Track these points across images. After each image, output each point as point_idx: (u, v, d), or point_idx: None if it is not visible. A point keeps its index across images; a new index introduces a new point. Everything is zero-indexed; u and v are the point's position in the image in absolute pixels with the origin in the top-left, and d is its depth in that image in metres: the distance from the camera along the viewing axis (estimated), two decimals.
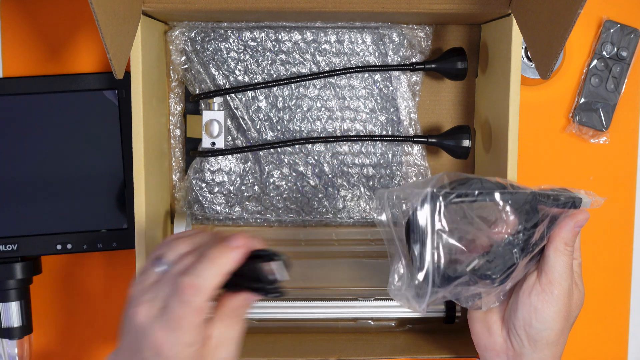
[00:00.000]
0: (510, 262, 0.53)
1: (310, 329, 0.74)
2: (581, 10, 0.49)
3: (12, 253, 0.71)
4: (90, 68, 0.74)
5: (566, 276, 0.54)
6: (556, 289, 0.54)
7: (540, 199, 0.53)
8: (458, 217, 0.52)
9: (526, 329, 0.55)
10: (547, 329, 0.54)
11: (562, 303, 0.54)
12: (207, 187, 0.73)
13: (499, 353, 0.57)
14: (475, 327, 0.59)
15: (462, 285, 0.53)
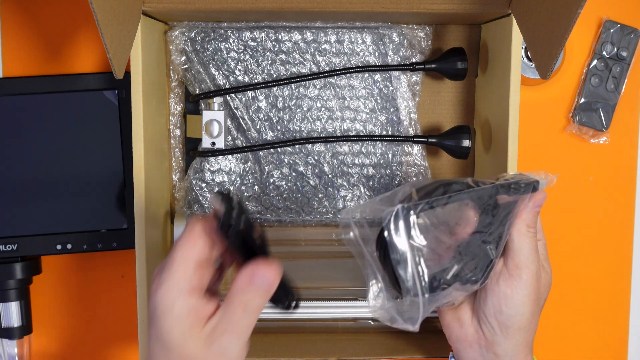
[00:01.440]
0: (488, 260, 0.53)
1: (310, 329, 0.74)
2: (581, 10, 0.49)
3: (12, 253, 0.71)
4: (90, 68, 0.74)
5: (532, 259, 0.54)
6: (524, 272, 0.53)
7: (502, 189, 0.53)
8: (429, 226, 0.51)
9: (497, 316, 0.55)
10: (518, 314, 0.54)
11: (530, 286, 0.53)
12: (207, 187, 0.73)
13: (471, 344, 0.57)
14: (446, 319, 0.59)
15: (445, 294, 0.53)
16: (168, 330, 0.43)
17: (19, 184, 0.71)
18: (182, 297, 0.43)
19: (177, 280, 0.43)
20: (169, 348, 0.43)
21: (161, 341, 0.44)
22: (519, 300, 0.54)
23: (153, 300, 0.44)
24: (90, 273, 0.76)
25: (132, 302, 0.75)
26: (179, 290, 0.43)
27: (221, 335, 0.44)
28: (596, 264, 0.78)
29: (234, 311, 0.44)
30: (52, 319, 0.76)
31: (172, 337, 0.43)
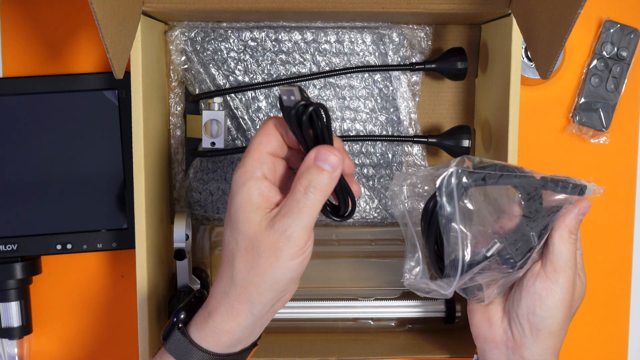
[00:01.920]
0: (529, 246, 0.53)
1: (310, 329, 0.74)
2: (581, 10, 0.49)
3: (12, 253, 0.71)
4: (90, 68, 0.74)
5: (571, 264, 0.54)
6: (561, 277, 0.54)
7: (551, 184, 0.53)
8: (480, 200, 0.52)
9: (529, 318, 0.55)
10: (551, 317, 0.54)
11: (566, 292, 0.54)
12: (207, 187, 0.73)
13: (498, 344, 0.57)
14: (475, 318, 0.59)
15: (480, 271, 0.53)
16: (236, 209, 0.46)
17: (19, 184, 0.71)
18: (253, 178, 0.46)
19: (251, 164, 0.47)
20: (236, 227, 0.47)
21: (230, 220, 0.47)
22: (553, 303, 0.54)
23: (232, 187, 0.47)
24: (90, 273, 0.76)
25: (132, 302, 0.75)
26: (252, 172, 0.47)
27: (283, 216, 0.46)
28: (596, 264, 0.78)
29: (297, 191, 0.46)
30: (52, 319, 0.76)
31: (240, 215, 0.46)
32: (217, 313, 0.49)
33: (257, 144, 0.47)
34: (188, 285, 0.69)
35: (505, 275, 0.55)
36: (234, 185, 0.47)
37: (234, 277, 0.47)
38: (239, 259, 0.47)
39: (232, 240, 0.47)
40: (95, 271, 0.76)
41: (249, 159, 0.47)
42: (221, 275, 0.49)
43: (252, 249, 0.46)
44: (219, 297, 0.49)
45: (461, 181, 0.51)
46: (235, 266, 0.47)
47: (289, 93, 0.45)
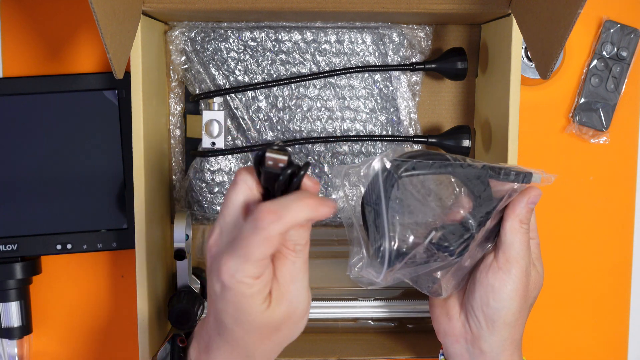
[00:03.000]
0: (467, 233, 0.53)
1: (310, 329, 0.74)
2: (581, 10, 0.49)
3: (12, 253, 0.71)
4: (90, 68, 0.74)
5: (523, 254, 0.54)
6: (513, 267, 0.53)
7: (491, 172, 0.53)
8: (413, 191, 0.52)
9: (484, 309, 0.55)
10: (504, 307, 0.54)
11: (519, 282, 0.53)
12: (207, 187, 0.73)
13: (457, 338, 0.57)
14: (435, 313, 0.59)
15: (420, 262, 0.52)
16: (248, 307, 0.44)
17: (19, 184, 0.71)
18: (257, 280, 0.44)
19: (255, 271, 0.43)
20: (243, 319, 0.45)
21: (236, 317, 0.45)
22: (506, 294, 0.54)
23: (227, 285, 0.44)
24: (90, 273, 0.76)
25: (132, 302, 0.75)
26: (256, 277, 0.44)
27: (284, 286, 0.45)
28: (596, 264, 0.78)
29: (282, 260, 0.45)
30: (52, 319, 0.76)
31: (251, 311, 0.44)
32: None
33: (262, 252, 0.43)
34: (188, 285, 0.69)
35: (452, 264, 0.54)
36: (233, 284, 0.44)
37: (251, 356, 0.48)
38: (254, 342, 0.47)
39: (239, 330, 0.46)
40: (95, 271, 0.76)
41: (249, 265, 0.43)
42: (227, 351, 0.47)
43: (268, 330, 0.46)
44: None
45: (386, 170, 0.50)
46: (250, 347, 0.47)
47: (277, 161, 0.43)
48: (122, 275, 0.76)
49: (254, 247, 0.42)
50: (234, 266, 0.43)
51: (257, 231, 0.42)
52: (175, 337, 0.53)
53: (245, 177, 0.46)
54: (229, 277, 0.43)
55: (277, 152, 0.43)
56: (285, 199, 0.43)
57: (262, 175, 0.45)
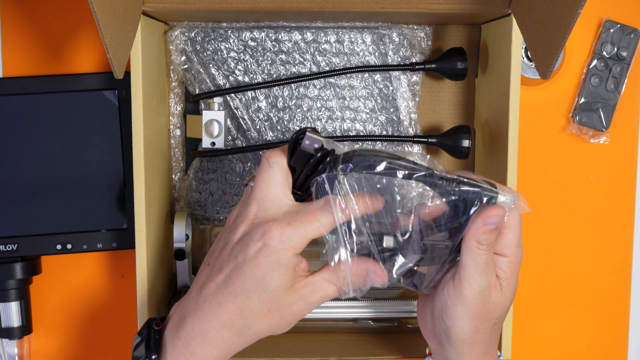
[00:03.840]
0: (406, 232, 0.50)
1: (310, 329, 0.74)
2: (581, 10, 0.49)
3: (12, 253, 0.71)
4: (90, 68, 0.74)
5: (477, 277, 0.50)
6: (465, 288, 0.50)
7: (437, 181, 0.50)
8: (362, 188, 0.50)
9: (439, 322, 0.53)
10: (455, 326, 0.52)
11: (471, 303, 0.50)
12: (207, 187, 0.73)
13: (430, 336, 0.57)
14: (418, 305, 0.58)
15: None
16: (276, 276, 0.47)
17: (19, 184, 0.71)
18: (297, 256, 0.48)
19: (302, 243, 0.48)
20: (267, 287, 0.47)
21: (261, 282, 0.47)
22: (456, 314, 0.51)
23: (272, 248, 0.47)
24: (90, 273, 0.76)
25: (132, 302, 0.75)
26: (298, 249, 0.48)
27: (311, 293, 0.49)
28: (596, 264, 0.78)
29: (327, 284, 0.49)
30: (52, 319, 0.76)
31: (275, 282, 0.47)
32: (206, 355, 0.49)
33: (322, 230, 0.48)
34: (188, 285, 0.69)
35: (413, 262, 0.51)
36: (278, 249, 0.47)
37: (245, 331, 0.49)
38: (258, 315, 0.48)
39: (255, 297, 0.48)
40: (95, 271, 0.76)
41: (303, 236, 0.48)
42: (219, 322, 0.49)
43: (277, 309, 0.48)
44: (210, 341, 0.49)
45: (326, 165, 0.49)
46: (251, 320, 0.48)
47: (315, 141, 0.47)
48: (122, 275, 0.76)
49: (317, 224, 0.47)
50: (288, 232, 0.47)
51: (326, 214, 0.47)
52: (150, 321, 0.53)
53: (277, 158, 0.50)
54: (279, 241, 0.47)
55: (317, 133, 0.47)
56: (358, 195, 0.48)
57: (295, 155, 0.48)
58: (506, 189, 0.51)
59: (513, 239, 0.51)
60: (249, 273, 0.47)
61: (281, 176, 0.50)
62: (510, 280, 0.52)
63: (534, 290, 0.78)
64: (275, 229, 0.47)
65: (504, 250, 0.51)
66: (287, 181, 0.50)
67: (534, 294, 0.78)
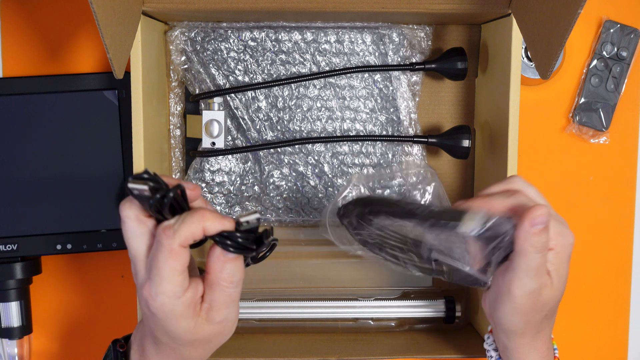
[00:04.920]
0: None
1: (310, 329, 0.74)
2: (581, 10, 0.49)
3: (12, 253, 0.71)
4: (90, 68, 0.74)
5: (528, 280, 0.50)
6: (515, 289, 0.50)
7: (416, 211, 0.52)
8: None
9: (493, 310, 0.54)
10: (505, 319, 0.53)
11: (520, 303, 0.51)
12: (207, 187, 0.73)
13: (489, 316, 0.57)
14: (483, 295, 0.58)
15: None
16: (175, 327, 0.48)
17: (19, 184, 0.71)
18: (179, 299, 0.47)
19: (172, 289, 0.46)
20: (175, 337, 0.49)
21: (168, 334, 0.48)
22: (506, 309, 0.52)
23: (152, 308, 0.47)
24: (90, 273, 0.76)
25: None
26: (176, 296, 0.46)
27: (219, 309, 0.48)
28: (596, 264, 0.78)
29: (223, 286, 0.48)
30: (52, 319, 0.76)
31: (180, 330, 0.48)
32: None
33: (170, 269, 0.46)
34: None
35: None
36: (161, 312, 0.47)
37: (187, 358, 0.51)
38: (189, 351, 0.50)
39: (173, 344, 0.49)
40: (95, 271, 0.76)
41: (166, 285, 0.46)
42: (165, 357, 0.51)
43: (200, 342, 0.50)
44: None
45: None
46: (185, 355, 0.51)
47: (141, 190, 0.45)
48: (122, 275, 0.76)
49: (162, 263, 0.45)
50: (153, 289, 0.46)
51: (161, 249, 0.45)
52: (115, 343, 0.56)
53: (126, 212, 0.48)
54: (152, 301, 0.46)
55: (137, 181, 0.45)
56: (182, 215, 0.46)
57: (140, 203, 0.47)
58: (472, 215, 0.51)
59: (552, 230, 0.50)
60: (154, 328, 0.49)
61: (138, 228, 0.48)
62: (559, 271, 0.51)
63: None
64: (145, 290, 0.47)
65: (551, 243, 0.50)
66: (143, 229, 0.48)
67: None
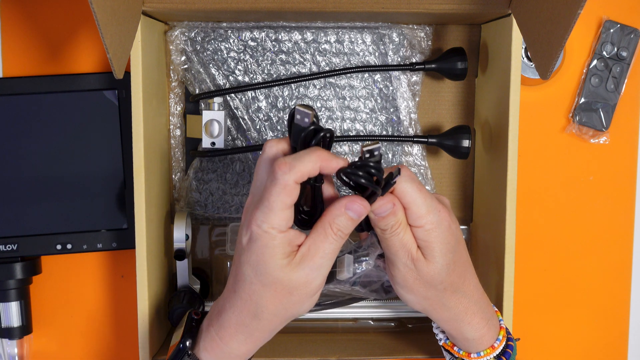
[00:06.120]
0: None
1: (310, 329, 0.74)
2: (581, 10, 0.49)
3: (12, 253, 0.71)
4: (90, 68, 0.74)
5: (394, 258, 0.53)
6: (390, 270, 0.55)
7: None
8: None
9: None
10: (404, 300, 0.56)
11: (400, 282, 0.54)
12: (207, 187, 0.73)
13: None
14: None
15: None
16: (269, 258, 0.48)
17: (19, 184, 0.71)
18: (281, 234, 0.48)
19: (278, 222, 0.47)
20: (264, 271, 0.48)
21: (254, 263, 0.49)
22: (399, 292, 0.56)
23: (254, 235, 0.48)
24: (90, 273, 0.76)
25: (132, 302, 0.75)
26: (279, 229, 0.47)
27: (313, 256, 0.49)
28: (596, 264, 0.78)
29: (329, 233, 0.49)
30: (52, 319, 0.76)
31: (268, 262, 0.48)
32: (234, 340, 0.52)
33: (280, 203, 0.47)
34: (188, 285, 0.69)
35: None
36: (261, 240, 0.48)
37: (259, 314, 0.50)
38: (266, 298, 0.49)
39: (256, 282, 0.49)
40: (95, 271, 0.76)
41: (274, 217, 0.47)
42: (238, 308, 0.51)
43: (282, 288, 0.49)
44: (235, 327, 0.51)
45: None
46: (261, 303, 0.50)
47: (304, 115, 0.48)
48: (122, 275, 0.76)
49: (274, 196, 0.46)
50: (260, 217, 0.47)
51: (274, 182, 0.46)
52: (191, 311, 0.56)
53: (271, 143, 0.50)
54: (256, 227, 0.47)
55: (305, 106, 0.48)
56: (298, 153, 0.47)
57: (292, 131, 0.49)
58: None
59: (419, 209, 0.51)
60: (245, 260, 0.49)
61: (271, 159, 0.49)
62: (433, 246, 0.52)
63: (534, 290, 0.78)
64: (252, 216, 0.48)
65: (416, 222, 0.52)
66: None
67: (534, 294, 0.78)
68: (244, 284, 0.50)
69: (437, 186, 0.75)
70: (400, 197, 0.51)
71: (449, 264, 0.53)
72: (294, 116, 0.48)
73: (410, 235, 0.52)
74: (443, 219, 0.52)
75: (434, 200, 0.52)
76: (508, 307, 0.64)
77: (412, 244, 0.52)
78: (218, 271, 0.75)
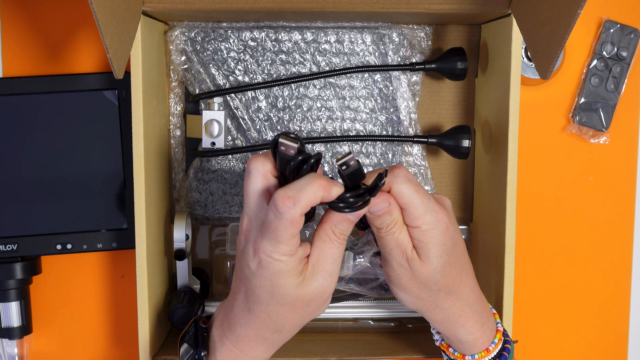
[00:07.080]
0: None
1: (310, 329, 0.74)
2: (581, 10, 0.49)
3: (12, 253, 0.71)
4: (90, 68, 0.74)
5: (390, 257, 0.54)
6: (386, 270, 0.55)
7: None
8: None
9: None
10: (400, 299, 0.56)
11: (395, 281, 0.55)
12: (207, 187, 0.73)
13: None
14: None
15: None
16: (284, 282, 0.48)
17: (19, 184, 0.71)
18: (292, 257, 0.48)
19: (289, 249, 0.47)
20: (277, 292, 0.49)
21: (272, 292, 0.49)
22: (395, 292, 0.57)
23: (264, 262, 0.48)
24: (90, 273, 0.76)
25: (132, 302, 0.75)
26: (290, 254, 0.48)
27: (323, 265, 0.49)
28: (596, 264, 0.78)
29: (333, 240, 0.50)
30: (52, 319, 0.76)
31: (287, 285, 0.48)
32: (254, 350, 0.53)
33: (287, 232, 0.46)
34: (188, 285, 0.69)
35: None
36: (269, 262, 0.47)
37: (280, 328, 0.52)
38: (286, 315, 0.51)
39: (273, 303, 0.50)
40: (95, 271, 0.76)
41: (282, 246, 0.47)
42: (255, 325, 0.51)
43: (300, 303, 0.50)
44: (254, 340, 0.52)
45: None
46: (281, 320, 0.51)
47: (289, 148, 0.47)
48: (122, 275, 0.76)
49: (281, 230, 0.46)
50: (269, 247, 0.47)
51: (280, 217, 0.46)
52: (197, 321, 0.56)
53: (257, 165, 0.49)
54: (266, 256, 0.47)
55: (289, 139, 0.47)
56: (299, 183, 0.47)
57: (277, 159, 0.48)
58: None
59: (415, 210, 0.51)
60: (257, 285, 0.49)
61: (262, 182, 0.49)
62: (429, 247, 0.52)
63: (534, 290, 0.78)
64: (259, 244, 0.48)
65: (413, 222, 0.52)
66: (268, 186, 0.49)
67: (534, 294, 0.78)
68: (260, 306, 0.50)
69: (437, 186, 0.75)
70: (398, 198, 0.51)
71: (444, 266, 0.53)
72: (278, 147, 0.47)
73: (406, 234, 0.52)
74: (440, 220, 0.52)
75: (431, 202, 0.52)
76: (508, 307, 0.64)
77: (408, 243, 0.53)
78: (218, 271, 0.75)
